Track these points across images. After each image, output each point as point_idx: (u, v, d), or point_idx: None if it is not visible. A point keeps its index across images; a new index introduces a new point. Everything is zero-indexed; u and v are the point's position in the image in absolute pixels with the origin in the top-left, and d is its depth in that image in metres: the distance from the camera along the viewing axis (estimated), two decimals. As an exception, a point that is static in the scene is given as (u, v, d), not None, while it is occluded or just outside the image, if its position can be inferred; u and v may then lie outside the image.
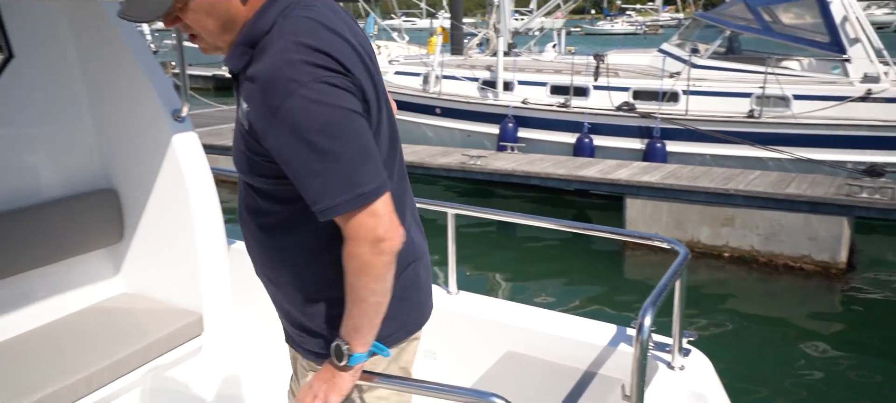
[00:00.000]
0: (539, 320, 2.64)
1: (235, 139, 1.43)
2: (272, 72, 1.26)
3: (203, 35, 1.35)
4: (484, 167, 9.70)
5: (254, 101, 1.30)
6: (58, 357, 2.45)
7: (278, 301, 1.59)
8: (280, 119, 1.26)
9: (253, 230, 1.50)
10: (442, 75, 12.16)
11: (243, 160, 1.41)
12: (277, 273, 1.52)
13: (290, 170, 1.31)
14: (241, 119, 1.37)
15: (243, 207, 1.51)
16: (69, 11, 2.87)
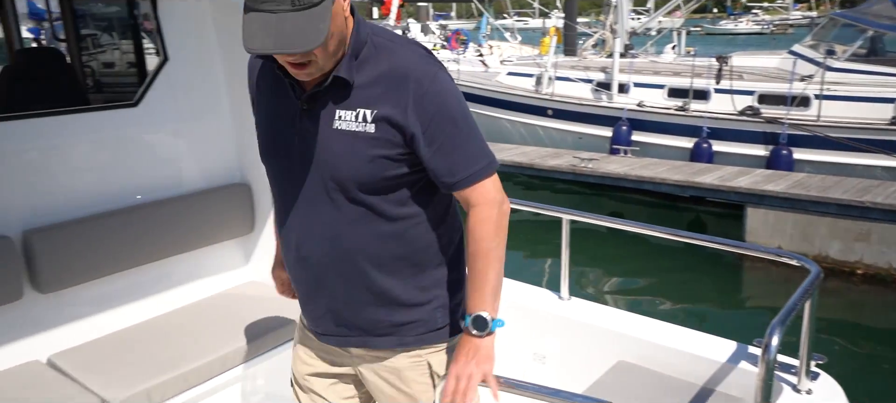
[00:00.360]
0: (653, 330, 2.58)
1: (339, 152, 1.48)
2: (409, 66, 1.44)
3: (319, 60, 1.41)
4: (595, 170, 9.53)
5: (386, 99, 1.43)
6: (195, 338, 2.66)
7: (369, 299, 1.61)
8: (428, 103, 1.43)
9: (364, 236, 1.55)
10: (555, 76, 12.05)
11: (358, 166, 1.47)
12: (401, 269, 1.60)
13: (432, 147, 1.46)
14: (349, 129, 1.46)
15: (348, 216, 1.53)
16: (214, 13, 3.10)
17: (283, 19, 1.30)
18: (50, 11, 5.60)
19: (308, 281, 1.66)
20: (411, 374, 1.70)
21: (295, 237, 1.62)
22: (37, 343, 2.57)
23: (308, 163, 1.52)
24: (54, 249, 2.54)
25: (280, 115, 1.56)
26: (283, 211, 1.63)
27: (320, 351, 1.79)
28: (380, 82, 1.44)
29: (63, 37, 4.31)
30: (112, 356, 2.51)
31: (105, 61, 4.53)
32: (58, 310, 2.65)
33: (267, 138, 1.59)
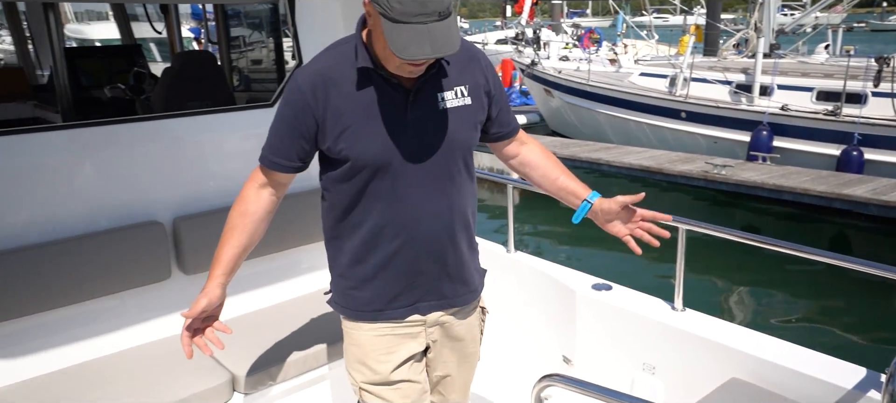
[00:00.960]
0: (772, 349, 2.46)
1: (454, 126, 1.74)
2: (473, 47, 1.86)
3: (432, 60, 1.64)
4: (729, 177, 9.05)
5: (468, 74, 1.78)
6: (290, 334, 2.80)
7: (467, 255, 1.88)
8: (490, 68, 1.86)
9: (465, 196, 1.82)
10: (690, 77, 11.55)
11: (469, 132, 1.79)
12: (473, 220, 1.89)
13: (502, 101, 1.89)
14: (454, 105, 1.75)
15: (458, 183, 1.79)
16: (345, 12, 3.26)
17: (434, 29, 1.48)
18: (205, 13, 6.17)
19: (421, 258, 1.78)
20: (473, 321, 2.00)
21: (412, 217, 1.74)
22: (181, 319, 2.87)
23: (424, 145, 1.71)
24: (199, 235, 2.82)
25: (386, 113, 1.68)
26: (394, 200, 1.72)
27: (398, 338, 1.87)
28: (458, 64, 1.76)
29: (216, 39, 4.75)
30: (246, 335, 2.75)
31: (249, 64, 4.93)
32: (201, 290, 2.93)
33: (376, 137, 1.68)
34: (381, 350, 1.86)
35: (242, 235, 1.80)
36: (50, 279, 2.47)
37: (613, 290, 2.94)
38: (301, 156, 1.76)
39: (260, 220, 1.82)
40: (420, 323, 1.88)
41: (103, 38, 14.53)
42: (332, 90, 1.68)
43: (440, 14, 1.48)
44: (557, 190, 1.98)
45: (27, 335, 2.51)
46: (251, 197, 1.80)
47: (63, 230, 2.54)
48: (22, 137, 2.49)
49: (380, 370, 1.86)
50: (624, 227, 1.92)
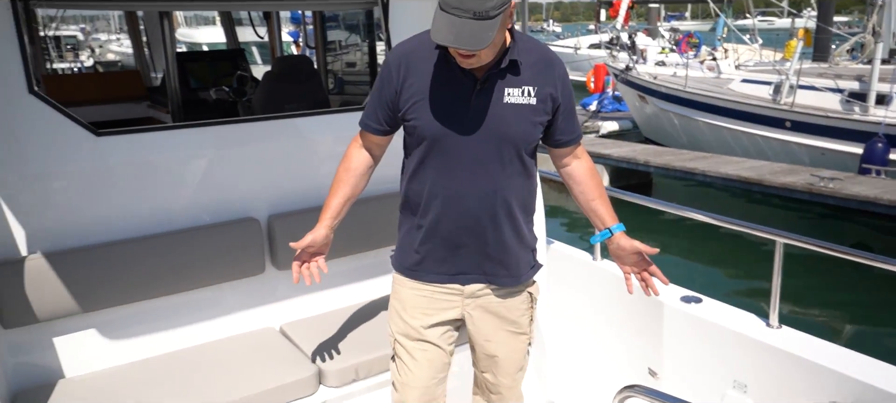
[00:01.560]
0: (877, 373, 2.30)
1: (512, 120, 1.92)
2: (549, 52, 2.02)
3: (482, 56, 1.82)
4: (837, 191, 8.50)
5: (541, 79, 1.94)
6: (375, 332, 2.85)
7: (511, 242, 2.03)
8: (565, 78, 2.01)
9: (514, 186, 1.98)
10: (797, 84, 10.94)
11: (527, 129, 1.95)
12: (531, 211, 2.08)
13: (569, 110, 2.03)
14: (518, 102, 1.92)
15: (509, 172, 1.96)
16: None
17: (465, 24, 1.69)
18: (304, 18, 6.41)
19: (462, 230, 2.00)
20: (516, 303, 2.13)
21: (459, 192, 1.96)
22: (272, 311, 3.01)
23: (481, 130, 1.91)
24: (293, 232, 2.92)
25: (453, 95, 1.91)
26: (446, 173, 1.95)
27: (435, 301, 2.09)
28: (533, 67, 1.94)
29: (313, 44, 4.94)
30: (333, 330, 2.85)
31: (344, 67, 5.09)
32: (291, 285, 3.05)
33: (440, 114, 1.92)
34: (419, 308, 2.09)
35: (346, 187, 2.11)
36: (154, 269, 2.65)
37: (703, 303, 2.85)
38: (386, 120, 2.02)
39: (361, 175, 2.12)
40: (458, 293, 2.08)
41: (210, 42, 15.39)
42: (413, 67, 1.94)
43: (475, 13, 1.68)
44: (589, 210, 2.13)
45: (132, 320, 2.70)
46: (353, 154, 2.12)
47: (168, 224, 2.72)
48: (136, 136, 2.68)
49: (413, 325, 2.09)
50: (630, 268, 2.12)
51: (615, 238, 2.09)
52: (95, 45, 29.45)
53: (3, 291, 2.36)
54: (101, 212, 2.60)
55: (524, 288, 2.15)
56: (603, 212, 2.11)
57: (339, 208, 2.11)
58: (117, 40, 31.57)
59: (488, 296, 2.10)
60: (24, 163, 2.44)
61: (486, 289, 2.09)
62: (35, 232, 2.49)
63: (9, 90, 2.37)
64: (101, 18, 39.93)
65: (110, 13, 34.47)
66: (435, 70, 1.92)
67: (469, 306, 2.11)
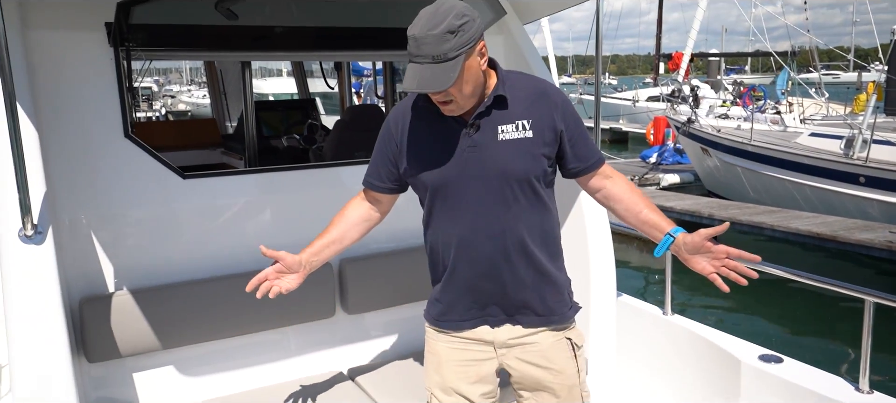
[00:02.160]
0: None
1: (509, 156, 1.89)
2: (543, 83, 2.01)
3: (458, 100, 1.83)
4: (919, 249, 8.08)
5: (535, 108, 1.92)
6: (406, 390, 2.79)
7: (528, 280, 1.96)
8: (565, 106, 1.97)
9: (523, 222, 1.92)
10: (871, 139, 10.55)
11: (528, 162, 1.90)
12: (553, 247, 2.02)
13: (577, 136, 1.97)
14: (513, 138, 1.90)
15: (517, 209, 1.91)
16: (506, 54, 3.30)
17: (425, 69, 1.74)
18: (375, 69, 6.58)
19: (478, 276, 1.96)
20: (554, 352, 2.03)
21: (468, 237, 1.93)
22: (341, 355, 3.03)
23: (479, 172, 1.89)
24: (362, 277, 2.97)
25: (447, 142, 1.92)
26: (453, 219, 1.94)
27: (469, 352, 2.04)
28: (525, 101, 1.92)
29: (382, 94, 5.07)
30: (400, 377, 2.83)
31: None
32: (359, 330, 3.08)
33: (436, 162, 1.92)
34: (453, 362, 2.05)
35: (334, 230, 2.10)
36: (228, 309, 2.71)
37: (784, 363, 2.71)
38: (389, 177, 2.05)
39: (352, 224, 2.12)
40: (489, 342, 2.03)
41: (275, 92, 15.97)
42: (410, 122, 1.98)
43: (433, 57, 1.73)
44: (641, 223, 2.00)
45: (206, 359, 2.75)
46: (350, 204, 2.15)
47: (244, 264, 2.78)
48: (218, 179, 2.79)
49: (450, 380, 2.05)
50: (709, 264, 1.89)
51: (678, 240, 1.93)
52: (168, 96, 30.91)
53: (89, 326, 2.45)
54: (182, 252, 2.69)
55: (560, 332, 2.05)
56: (657, 220, 1.97)
57: (320, 247, 2.07)
58: (188, 92, 33.27)
59: (522, 346, 2.02)
60: (116, 202, 2.56)
61: (517, 337, 2.02)
62: (122, 269, 2.59)
63: (107, 133, 2.51)
64: (174, 71, 41.97)
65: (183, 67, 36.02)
66: (429, 123, 1.95)
67: (505, 357, 2.04)
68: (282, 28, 3.02)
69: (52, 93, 2.42)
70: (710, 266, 1.88)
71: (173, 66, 38.69)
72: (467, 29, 1.75)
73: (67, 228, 2.46)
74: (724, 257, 1.86)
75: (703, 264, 1.89)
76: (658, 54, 30.81)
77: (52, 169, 2.40)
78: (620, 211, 2.04)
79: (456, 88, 1.79)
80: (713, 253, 1.87)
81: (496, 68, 1.95)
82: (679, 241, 1.92)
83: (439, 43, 1.72)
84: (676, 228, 1.95)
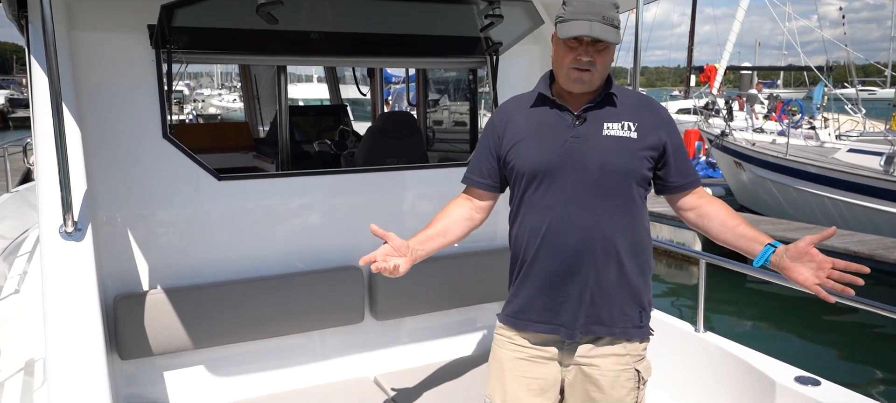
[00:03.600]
0: None
1: (613, 150, 1.91)
2: (653, 101, 2.06)
3: (598, 69, 1.88)
4: (961, 271, 7.83)
5: (641, 115, 1.96)
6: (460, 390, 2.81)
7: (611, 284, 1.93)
8: (670, 122, 2.02)
9: (616, 222, 1.91)
10: (912, 156, 10.29)
11: (629, 160, 1.91)
12: (641, 258, 1.97)
13: (680, 153, 2.00)
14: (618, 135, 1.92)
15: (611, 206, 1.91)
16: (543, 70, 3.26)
17: (595, 25, 1.82)
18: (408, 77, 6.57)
19: (560, 271, 1.92)
20: (620, 379, 1.97)
21: (556, 227, 1.91)
22: (368, 360, 3.02)
23: (579, 162, 1.90)
24: (392, 284, 2.95)
25: (551, 130, 1.95)
26: (544, 209, 1.93)
27: (534, 364, 2.01)
28: (633, 107, 1.97)
29: (415, 101, 5.06)
30: (426, 385, 2.82)
31: (445, 123, 5.19)
32: (388, 336, 3.07)
33: (537, 148, 1.95)
34: (517, 373, 2.02)
35: (438, 223, 2.08)
36: (259, 311, 2.71)
37: (823, 386, 2.62)
38: (489, 172, 2.06)
39: (455, 220, 2.09)
40: (555, 355, 2.00)
41: (305, 98, 16.13)
42: (513, 115, 2.04)
43: (604, 18, 1.82)
44: (737, 237, 1.95)
45: (235, 360, 2.76)
46: (452, 202, 2.14)
47: (274, 267, 2.80)
48: (252, 182, 2.80)
49: (512, 390, 2.02)
50: (812, 275, 1.80)
51: (779, 249, 1.86)
52: (199, 100, 31.41)
53: (123, 324, 2.48)
54: (215, 253, 2.71)
55: (630, 361, 1.99)
56: (755, 233, 1.93)
57: (425, 237, 2.04)
58: (219, 95, 33.73)
59: (589, 365, 1.98)
60: (153, 202, 2.59)
61: (585, 355, 1.98)
62: (156, 268, 2.61)
63: (146, 134, 2.54)
64: (205, 75, 42.62)
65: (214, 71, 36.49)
66: (534, 114, 2.00)
67: (569, 373, 2.01)
68: (318, 33, 3.04)
69: (94, 93, 2.46)
70: (813, 276, 1.80)
71: (205, 70, 39.26)
72: None
73: (105, 226, 2.49)
74: (829, 267, 1.77)
75: (805, 275, 1.81)
76: (690, 66, 30.44)
77: (91, 167, 2.44)
78: (715, 228, 1.99)
79: (606, 56, 1.88)
80: (817, 262, 1.79)
81: (609, 75, 2.00)
82: (780, 250, 1.86)
83: (610, 8, 1.84)
84: (776, 241, 1.91)
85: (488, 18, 2.87)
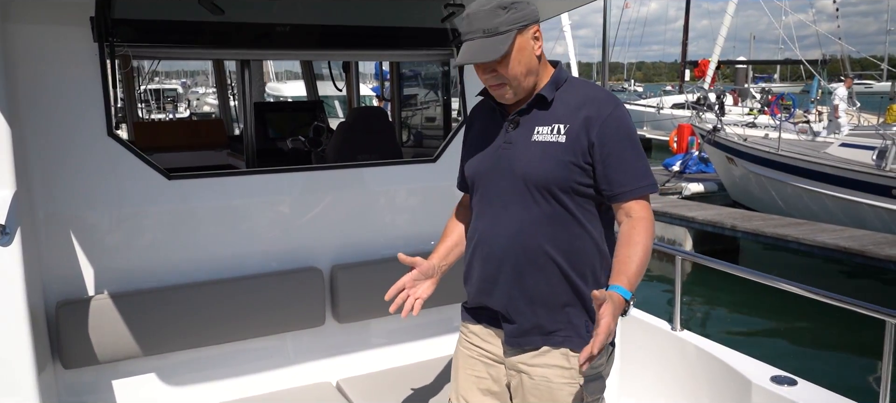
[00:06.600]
0: None
1: (535, 158, 1.81)
2: (601, 94, 1.87)
3: (510, 82, 1.80)
4: (952, 266, 7.76)
5: (577, 115, 1.80)
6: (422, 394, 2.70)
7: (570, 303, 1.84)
8: (608, 120, 1.78)
9: (541, 230, 1.82)
10: (903, 150, 10.21)
11: (552, 169, 1.79)
12: (584, 266, 1.85)
13: (610, 159, 1.77)
14: (545, 140, 1.82)
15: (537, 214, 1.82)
16: None
17: (475, 43, 1.76)
18: (382, 72, 6.49)
19: (488, 276, 1.91)
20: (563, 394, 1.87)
21: (485, 234, 1.90)
22: (330, 366, 2.92)
23: (506, 170, 1.85)
24: (354, 284, 2.86)
25: (491, 137, 1.92)
26: (479, 215, 1.94)
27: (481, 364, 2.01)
28: (571, 105, 1.83)
29: (389, 97, 4.97)
30: (389, 389, 2.72)
31: (417, 120, 5.09)
32: (350, 339, 2.97)
33: (478, 156, 1.94)
34: (467, 369, 2.04)
35: (452, 234, 2.11)
36: (214, 315, 2.61)
37: (799, 386, 2.54)
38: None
39: (461, 232, 2.09)
40: (500, 359, 1.97)
41: (295, 96, 16.03)
42: (474, 118, 2.06)
43: (484, 31, 1.74)
44: None
45: (188, 367, 2.66)
46: (455, 209, 2.17)
47: (230, 269, 2.69)
48: (206, 181, 2.69)
49: (463, 386, 2.04)
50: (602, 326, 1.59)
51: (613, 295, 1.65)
52: (193, 98, 31.33)
53: (66, 331, 2.37)
54: (166, 256, 2.60)
55: (576, 374, 1.84)
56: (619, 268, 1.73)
57: (445, 251, 2.07)
58: (214, 93, 33.57)
59: (529, 375, 1.89)
60: (98, 203, 2.48)
61: (528, 361, 1.89)
62: (102, 272, 2.51)
63: (89, 131, 2.43)
64: (201, 73, 42.55)
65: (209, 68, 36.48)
66: (483, 118, 1.99)
67: (513, 379, 1.95)
68: (283, 26, 2.93)
69: (33, 89, 2.34)
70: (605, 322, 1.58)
71: (200, 67, 39.19)
72: (520, 8, 1.77)
73: (45, 229, 2.38)
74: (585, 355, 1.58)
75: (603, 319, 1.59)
76: (684, 61, 30.42)
77: (31, 167, 2.33)
78: None
79: (505, 67, 1.77)
80: None
81: (557, 70, 1.90)
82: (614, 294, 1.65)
83: (490, 17, 1.74)
84: (617, 287, 1.68)
85: (448, 8, 2.77)
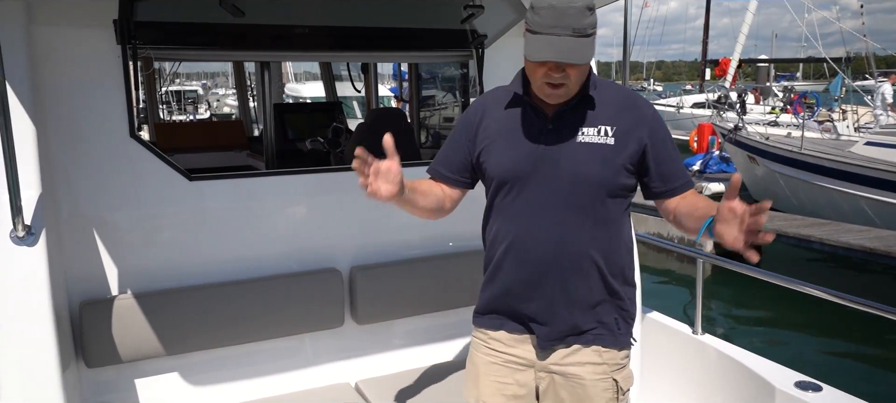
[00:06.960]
0: None
1: (585, 160, 1.78)
2: (632, 94, 1.92)
3: (571, 83, 1.73)
4: (982, 267, 7.58)
5: (622, 117, 1.81)
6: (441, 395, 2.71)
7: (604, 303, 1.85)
8: (654, 120, 1.85)
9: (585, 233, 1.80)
10: (932, 149, 10.01)
11: (603, 171, 1.78)
12: (620, 267, 1.87)
13: (663, 155, 1.83)
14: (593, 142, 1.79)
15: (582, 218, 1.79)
16: None
17: (564, 41, 1.66)
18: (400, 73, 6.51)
19: (525, 283, 1.85)
20: (596, 389, 1.86)
21: (522, 238, 1.83)
22: (348, 367, 2.93)
23: (550, 171, 1.79)
24: (373, 286, 2.86)
25: (524, 135, 1.83)
26: (512, 217, 1.84)
27: (508, 369, 1.93)
28: (613, 106, 1.82)
29: (408, 98, 4.97)
30: (407, 391, 2.72)
31: (440, 121, 5.09)
32: (369, 340, 2.97)
33: (509, 154, 1.84)
34: (491, 376, 1.96)
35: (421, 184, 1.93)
36: (234, 315, 2.63)
37: (824, 392, 2.50)
38: (459, 166, 1.95)
39: (432, 193, 1.94)
40: (530, 363, 1.91)
41: (314, 96, 16.12)
42: (488, 112, 1.92)
43: (574, 30, 1.65)
44: (696, 220, 1.74)
45: (209, 366, 2.68)
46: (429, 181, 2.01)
47: (250, 270, 2.71)
48: (227, 182, 2.71)
49: (486, 393, 1.96)
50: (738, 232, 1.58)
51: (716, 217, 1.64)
52: (213, 99, 31.62)
53: (90, 330, 2.40)
54: (188, 256, 2.62)
55: (608, 370, 1.88)
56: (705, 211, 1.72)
57: (412, 184, 1.85)
58: (233, 94, 33.86)
59: (563, 374, 1.89)
60: (120, 204, 2.50)
61: (560, 361, 1.88)
62: (124, 272, 2.53)
63: (112, 133, 2.46)
64: (221, 74, 42.93)
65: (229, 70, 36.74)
66: (509, 112, 1.88)
67: (543, 381, 1.92)
68: (302, 28, 2.94)
69: (57, 91, 2.37)
70: (738, 233, 1.59)
71: (220, 69, 39.58)
72: (594, 11, 1.70)
73: (68, 230, 2.41)
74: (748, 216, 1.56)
75: (733, 234, 1.59)
76: (704, 60, 30.12)
77: (54, 168, 2.36)
78: (686, 223, 1.81)
79: (577, 70, 1.71)
80: (739, 216, 1.57)
81: (589, 70, 1.84)
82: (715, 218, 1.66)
83: (581, 16, 1.65)
84: None
85: (468, 9, 2.76)
